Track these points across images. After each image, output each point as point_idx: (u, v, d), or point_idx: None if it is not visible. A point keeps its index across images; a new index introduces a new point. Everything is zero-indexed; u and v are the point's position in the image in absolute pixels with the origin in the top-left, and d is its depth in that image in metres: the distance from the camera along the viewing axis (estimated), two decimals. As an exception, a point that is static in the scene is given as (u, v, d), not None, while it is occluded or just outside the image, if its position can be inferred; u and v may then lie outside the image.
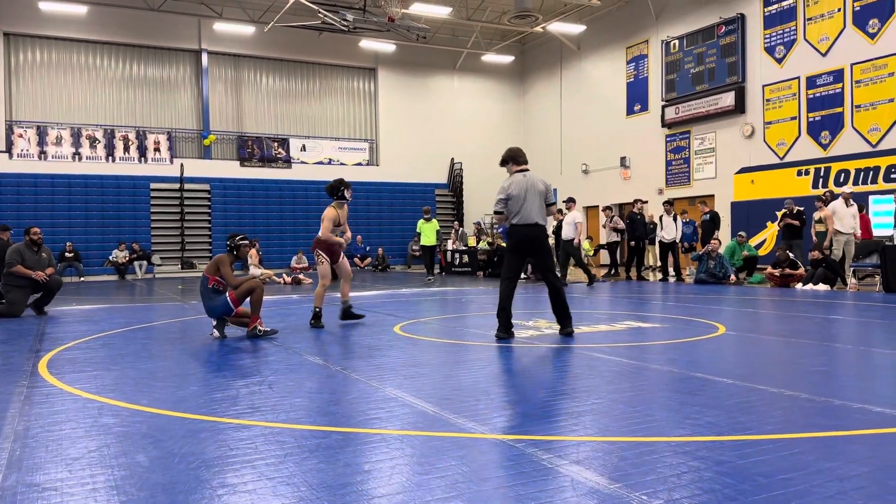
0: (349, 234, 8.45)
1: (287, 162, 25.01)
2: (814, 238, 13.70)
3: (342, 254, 8.33)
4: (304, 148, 25.29)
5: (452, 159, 27.34)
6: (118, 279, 20.82)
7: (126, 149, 22.85)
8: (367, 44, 24.80)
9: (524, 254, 6.97)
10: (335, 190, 8.27)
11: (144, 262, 21.65)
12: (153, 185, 22.89)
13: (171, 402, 4.31)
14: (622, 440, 3.33)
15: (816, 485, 2.65)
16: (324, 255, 8.15)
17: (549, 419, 3.77)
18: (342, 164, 25.79)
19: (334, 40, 24.93)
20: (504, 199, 6.89)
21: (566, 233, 14.64)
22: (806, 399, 4.10)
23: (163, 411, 4.07)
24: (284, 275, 18.07)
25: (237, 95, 24.76)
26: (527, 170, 7.06)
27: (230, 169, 24.18)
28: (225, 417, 3.91)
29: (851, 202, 13.16)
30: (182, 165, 23.18)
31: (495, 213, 7.04)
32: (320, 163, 25.44)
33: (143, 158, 23.03)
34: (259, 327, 7.22)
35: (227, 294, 7.23)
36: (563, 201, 15.39)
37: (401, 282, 17.53)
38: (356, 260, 24.74)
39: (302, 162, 25.18)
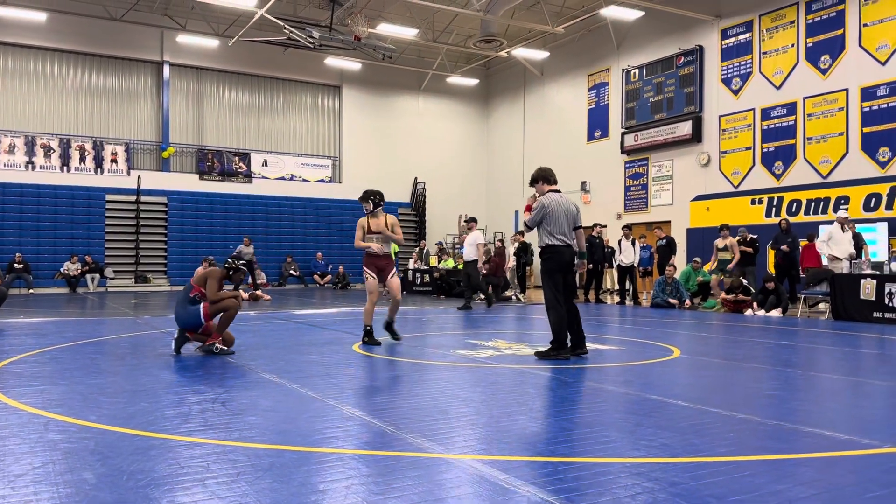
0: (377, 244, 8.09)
1: (248, 177, 24.77)
2: (713, 265, 14.22)
3: (393, 271, 8.09)
4: (265, 163, 25.08)
5: (416, 178, 27.40)
6: (69, 292, 20.28)
7: (82, 159, 22.38)
8: (333, 61, 24.80)
9: (563, 273, 6.84)
10: (363, 201, 8.17)
11: (97, 276, 21.14)
12: (109, 197, 22.41)
13: (120, 419, 4.20)
14: (579, 461, 3.35)
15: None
16: (369, 270, 7.98)
17: (506, 439, 3.77)
18: (304, 180, 25.64)
19: (299, 56, 24.88)
20: (541, 217, 6.80)
21: (468, 254, 14.24)
22: (758, 422, 4.17)
23: (112, 427, 3.97)
24: (242, 290, 17.80)
25: (198, 108, 24.49)
26: (559, 190, 7.07)
27: (189, 182, 23.83)
28: (176, 435, 3.82)
29: (847, 227, 13.15)
30: (139, 177, 22.77)
31: (527, 224, 6.96)
32: (282, 178, 25.25)
33: (99, 169, 22.56)
34: (217, 345, 7.08)
35: (202, 306, 7.05)
36: (465, 221, 14.96)
37: (361, 300, 17.41)
38: (316, 277, 24.55)
39: (263, 177, 24.95)
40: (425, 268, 21.15)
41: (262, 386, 5.33)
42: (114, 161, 22.80)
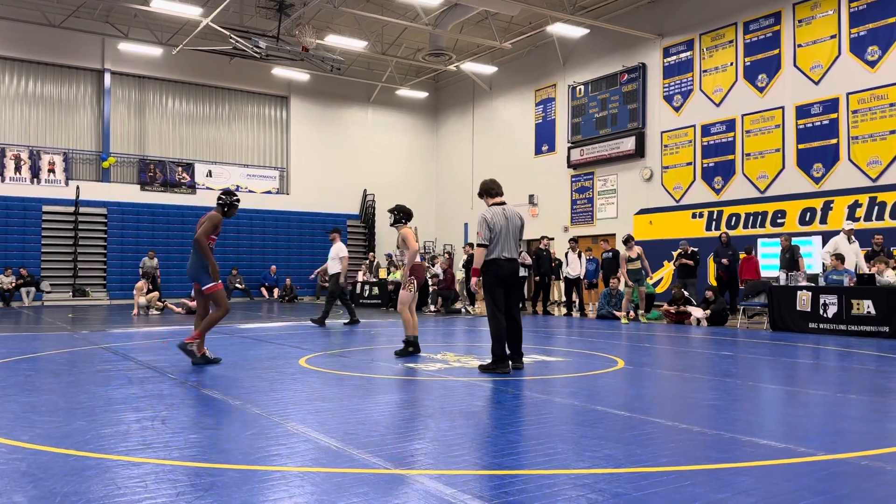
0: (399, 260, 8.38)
1: (191, 187, 24.28)
2: (624, 275, 14.50)
3: (405, 283, 8.20)
4: (210, 174, 24.64)
5: (365, 190, 27.28)
6: (2, 306, 19.49)
7: (17, 168, 21.61)
8: (280, 72, 24.56)
9: (506, 287, 6.83)
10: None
11: (32, 289, 20.38)
12: (45, 208, 21.67)
13: (54, 438, 4.04)
14: (524, 473, 3.36)
15: (706, 515, 2.75)
16: (416, 282, 8.07)
17: (453, 453, 3.76)
18: (251, 191, 25.25)
19: (246, 66, 24.58)
20: (489, 231, 6.75)
21: (331, 267, 13.17)
22: (698, 432, 4.26)
23: (45, 448, 3.82)
24: (186, 301, 17.42)
25: (141, 117, 23.94)
26: (504, 202, 7.02)
27: (130, 193, 23.24)
28: (113, 454, 3.70)
29: (854, 238, 12.91)
30: (78, 188, 22.09)
31: (479, 245, 6.86)
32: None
33: (35, 179, 21.81)
34: (196, 351, 7.16)
35: (213, 285, 7.20)
36: (328, 232, 14.24)
37: (309, 312, 17.21)
38: (262, 290, 24.18)
39: (208, 188, 24.49)
40: (374, 280, 21.05)
41: (205, 403, 5.21)
42: (51, 171, 22.09)
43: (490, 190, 7.06)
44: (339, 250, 13.03)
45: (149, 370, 6.87)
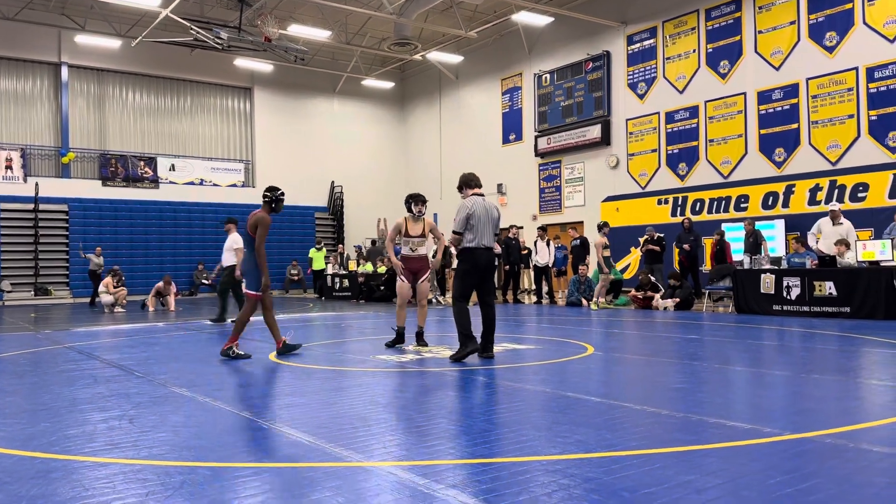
0: (429, 250, 8.11)
1: (154, 182, 23.87)
2: (601, 261, 14.61)
3: (426, 275, 8.03)
4: (173, 167, 24.23)
5: (333, 182, 27.08)
6: (-40, 307, 19.01)
7: (-28, 165, 21.04)
8: (243, 63, 24.21)
9: (479, 275, 6.95)
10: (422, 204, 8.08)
11: (-8, 289, 19.91)
12: (3, 206, 21.13)
13: (18, 441, 3.96)
14: (497, 461, 3.38)
15: (677, 497, 2.80)
16: (403, 273, 7.94)
17: (425, 444, 3.77)
18: (215, 185, 24.93)
19: (207, 58, 24.18)
20: (466, 220, 6.88)
21: (226, 259, 12.39)
22: (667, 415, 4.33)
23: (9, 451, 3.73)
24: (152, 298, 17.17)
25: (100, 111, 23.43)
26: (482, 194, 7.19)
27: (91, 189, 22.76)
28: (80, 455, 3.63)
29: (841, 220, 12.52)
30: (37, 184, 21.57)
31: (455, 233, 6.96)
32: (191, 183, 24.46)
33: (-8, 176, 21.28)
34: (234, 349, 7.26)
35: (256, 294, 7.33)
36: (222, 222, 13.56)
37: (278, 307, 17.07)
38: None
39: (171, 182, 24.10)
40: (344, 272, 20.95)
41: (173, 400, 5.14)
42: (8, 167, 21.54)
43: (469, 181, 7.25)
44: (233, 241, 12.21)
45: (115, 369, 6.76)
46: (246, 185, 25.64)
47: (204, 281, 23.34)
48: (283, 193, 7.60)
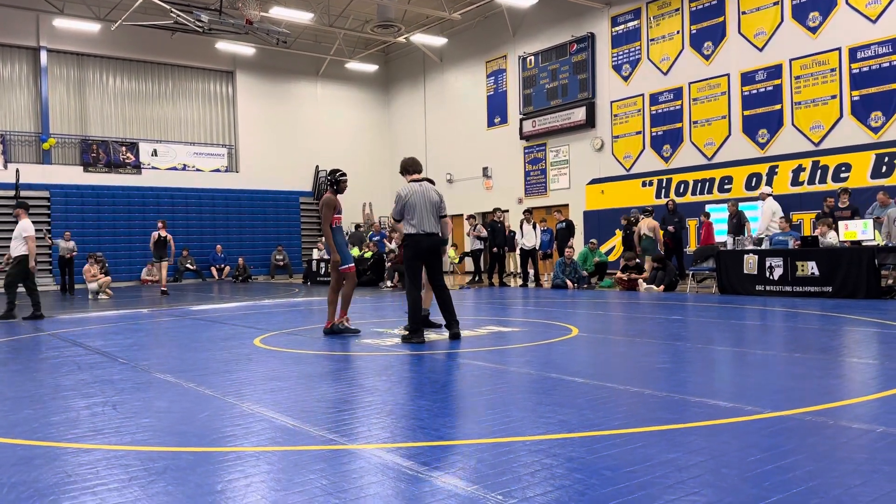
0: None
1: (136, 167, 23.63)
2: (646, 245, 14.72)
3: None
4: (155, 153, 24.00)
5: (317, 167, 26.92)
6: (-59, 295, 18.77)
7: (-50, 152, 20.72)
8: (225, 46, 23.94)
9: (423, 260, 7.17)
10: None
11: (-27, 277, 19.65)
12: (-17, 192, 20.89)
13: (1, 428, 3.93)
14: (482, 442, 3.40)
15: (658, 476, 2.83)
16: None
17: (410, 426, 3.78)
18: (198, 170, 24.72)
19: (188, 41, 23.90)
20: (401, 207, 7.06)
21: (15, 248, 10.88)
22: (649, 394, 4.36)
23: (-11, 439, 3.71)
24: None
25: (81, 96, 23.11)
26: (421, 179, 7.27)
27: (73, 175, 22.51)
28: (63, 442, 3.62)
29: (762, 200, 13.40)
30: (17, 171, 21.28)
31: (393, 218, 7.27)
32: (174, 168, 24.24)
33: (-30, 163, 20.96)
34: (345, 323, 7.59)
35: (348, 267, 7.62)
36: (13, 209, 12.32)
37: (264, 292, 17.04)
38: (213, 270, 23.80)
39: (153, 167, 23.87)
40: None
41: (157, 386, 5.12)
42: (-13, 154, 21.24)
43: (408, 167, 7.38)
44: (23, 228, 10.86)
45: (98, 355, 6.73)
46: (229, 170, 25.44)
47: (189, 266, 23.23)
48: (343, 174, 7.77)
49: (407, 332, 7.17)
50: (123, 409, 4.34)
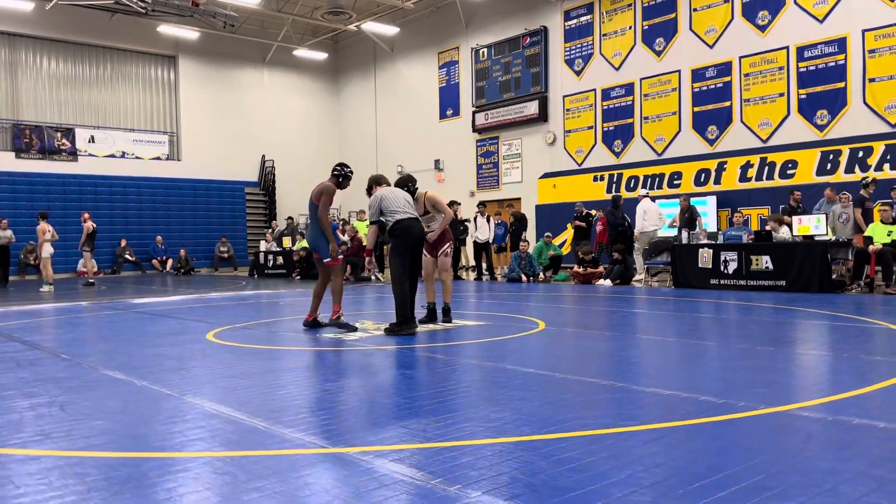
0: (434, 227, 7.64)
1: (73, 154, 22.57)
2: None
3: (444, 247, 7.68)
4: (92, 139, 22.95)
5: (263, 156, 26.23)
6: None
7: None
8: (167, 29, 23.03)
9: (411, 248, 6.99)
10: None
11: None
12: None
13: (-69, 434, 3.53)
14: (449, 443, 3.19)
15: (611, 468, 2.67)
16: (424, 251, 7.62)
17: (375, 425, 3.54)
18: (138, 157, 23.76)
19: (129, 23, 22.92)
20: (378, 206, 6.98)
21: None
22: (608, 386, 4.23)
23: (-80, 446, 3.31)
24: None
25: (12, 79, 21.92)
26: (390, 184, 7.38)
27: (4, 161, 21.32)
28: (7, 448, 3.26)
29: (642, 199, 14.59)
30: (-58, 155, 20.08)
31: (372, 223, 7.09)
32: (112, 156, 23.24)
33: None
34: (342, 318, 7.26)
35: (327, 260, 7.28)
36: None
37: (209, 285, 16.46)
38: (154, 263, 22.95)
39: (90, 154, 22.84)
40: (278, 249, 20.37)
41: (107, 384, 4.74)
42: None
43: (378, 181, 7.37)
44: None
45: (39, 351, 6.26)
46: (170, 158, 24.55)
47: (128, 258, 22.36)
48: (351, 171, 7.65)
49: (394, 324, 6.92)
50: (72, 411, 3.98)
